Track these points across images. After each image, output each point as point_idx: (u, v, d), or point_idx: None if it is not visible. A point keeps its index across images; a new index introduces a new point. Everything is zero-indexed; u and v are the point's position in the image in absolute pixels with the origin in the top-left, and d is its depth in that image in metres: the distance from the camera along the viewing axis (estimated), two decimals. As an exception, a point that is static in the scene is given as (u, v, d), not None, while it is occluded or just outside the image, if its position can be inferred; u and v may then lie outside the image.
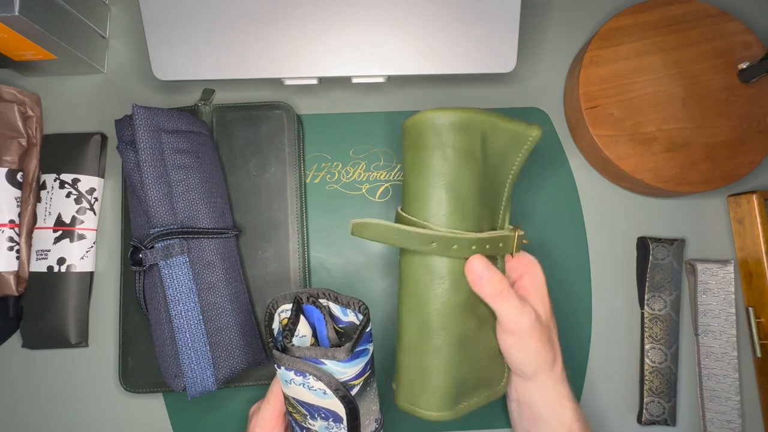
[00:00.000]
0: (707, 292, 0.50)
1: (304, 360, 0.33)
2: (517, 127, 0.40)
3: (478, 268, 0.38)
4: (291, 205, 0.50)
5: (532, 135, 0.40)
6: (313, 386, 0.34)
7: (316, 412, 0.35)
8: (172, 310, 0.42)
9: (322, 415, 0.35)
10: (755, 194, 0.49)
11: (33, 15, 0.42)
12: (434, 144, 0.37)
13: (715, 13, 0.50)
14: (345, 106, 0.53)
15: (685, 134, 0.48)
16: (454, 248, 0.37)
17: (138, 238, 0.45)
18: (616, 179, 0.52)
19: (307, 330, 0.37)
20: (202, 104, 0.51)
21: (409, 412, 0.40)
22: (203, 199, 0.46)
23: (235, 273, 0.47)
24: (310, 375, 0.33)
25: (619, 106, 0.49)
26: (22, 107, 0.50)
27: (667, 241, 0.50)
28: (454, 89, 0.54)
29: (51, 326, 0.49)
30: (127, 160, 0.45)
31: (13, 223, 0.49)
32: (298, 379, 0.34)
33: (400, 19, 0.46)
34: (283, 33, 0.46)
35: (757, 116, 0.48)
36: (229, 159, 0.50)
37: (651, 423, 0.49)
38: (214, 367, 0.43)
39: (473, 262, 0.38)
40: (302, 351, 0.33)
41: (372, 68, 0.47)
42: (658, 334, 0.50)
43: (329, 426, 0.36)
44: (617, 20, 0.50)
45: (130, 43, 0.54)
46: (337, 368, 0.34)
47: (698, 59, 0.49)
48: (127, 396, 0.50)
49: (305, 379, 0.33)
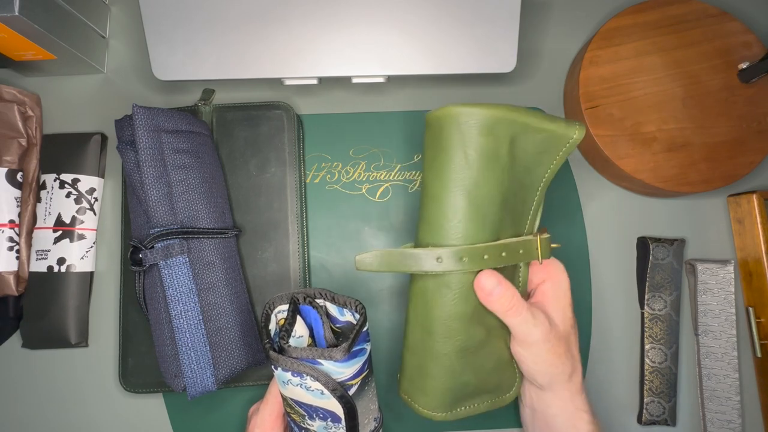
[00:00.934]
0: (707, 292, 0.50)
1: (300, 361, 0.33)
2: (554, 126, 0.36)
3: (487, 285, 0.36)
4: (291, 205, 0.50)
5: (573, 136, 0.36)
6: (310, 387, 0.33)
7: (314, 413, 0.35)
8: (172, 310, 0.42)
9: (320, 415, 0.35)
10: (755, 194, 0.49)
11: (33, 15, 0.42)
12: (455, 144, 0.35)
13: (715, 13, 0.50)
14: (345, 106, 0.53)
15: (685, 134, 0.48)
16: (464, 260, 0.35)
17: (138, 238, 0.45)
18: (616, 179, 0.52)
19: (304, 330, 0.37)
20: (202, 104, 0.51)
21: (407, 404, 0.40)
22: (203, 199, 0.46)
23: (235, 273, 0.47)
24: (307, 375, 0.33)
25: (619, 106, 0.49)
26: (22, 107, 0.50)
27: (667, 241, 0.50)
28: (454, 89, 0.54)
29: (51, 326, 0.49)
30: (127, 160, 0.45)
31: (13, 223, 0.49)
32: (296, 380, 0.34)
33: (400, 19, 0.46)
34: (283, 33, 0.46)
35: (757, 116, 0.48)
36: (229, 159, 0.50)
37: (651, 423, 0.49)
38: (214, 367, 0.43)
39: (482, 278, 0.36)
40: (299, 351, 0.33)
41: (372, 68, 0.47)
42: (658, 334, 0.50)
43: (327, 426, 0.36)
44: (617, 20, 0.50)
45: (130, 43, 0.54)
46: (335, 368, 0.33)
47: (698, 59, 0.49)
48: (127, 396, 0.50)
49: (302, 380, 0.33)
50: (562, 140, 0.37)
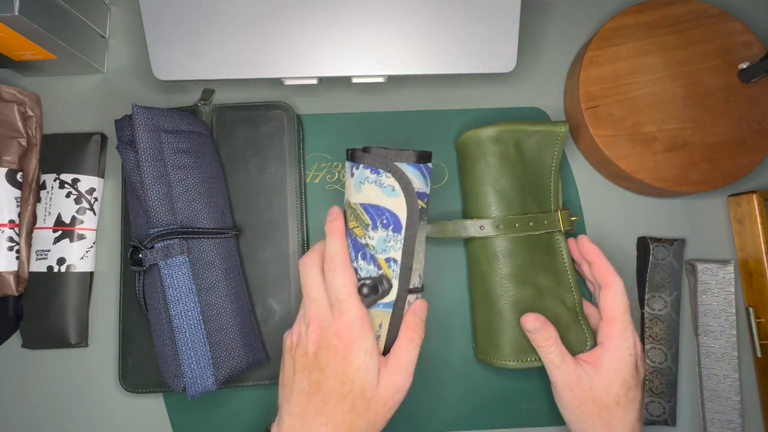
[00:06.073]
0: (707, 292, 0.50)
1: (380, 157, 0.40)
2: (543, 127, 0.48)
3: (528, 325, 0.43)
4: (291, 205, 0.50)
5: (561, 131, 0.48)
6: (384, 183, 0.40)
7: (380, 218, 0.40)
8: (171, 310, 0.42)
9: (383, 222, 0.40)
10: (755, 194, 0.49)
11: (33, 15, 0.42)
12: (477, 154, 0.47)
13: (715, 13, 0.50)
14: (345, 106, 0.53)
15: (685, 134, 0.48)
16: (500, 227, 0.46)
17: (138, 238, 0.45)
18: (616, 179, 0.52)
19: None
20: (202, 104, 0.51)
21: (486, 363, 0.47)
22: (203, 199, 0.46)
23: (234, 273, 0.47)
24: (383, 172, 0.39)
25: (619, 106, 0.49)
26: (22, 107, 0.50)
27: (667, 241, 0.50)
28: (454, 89, 0.54)
29: (51, 326, 0.49)
30: (127, 160, 0.45)
31: (13, 223, 0.49)
32: (372, 177, 0.40)
33: (400, 19, 0.46)
34: (283, 33, 0.46)
35: (757, 116, 0.48)
36: (229, 159, 0.50)
37: (651, 423, 0.49)
38: (214, 367, 0.43)
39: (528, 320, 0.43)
40: (378, 151, 0.40)
41: (372, 68, 0.47)
42: (658, 334, 0.50)
43: (387, 237, 0.40)
44: (617, 20, 0.50)
45: (130, 43, 0.54)
46: (406, 170, 0.40)
47: (698, 59, 0.49)
48: (127, 396, 0.50)
49: (379, 177, 0.40)
50: (553, 135, 0.48)
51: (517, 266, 0.46)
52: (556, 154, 0.48)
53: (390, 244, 0.40)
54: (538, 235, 0.47)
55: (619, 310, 0.43)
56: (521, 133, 0.47)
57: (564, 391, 0.42)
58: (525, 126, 0.48)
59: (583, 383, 0.41)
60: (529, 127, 0.48)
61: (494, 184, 0.47)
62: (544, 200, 0.48)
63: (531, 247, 0.46)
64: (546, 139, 0.48)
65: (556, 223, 0.47)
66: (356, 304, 0.39)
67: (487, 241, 0.46)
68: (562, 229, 0.48)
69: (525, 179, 0.48)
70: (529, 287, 0.46)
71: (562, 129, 0.48)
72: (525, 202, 0.47)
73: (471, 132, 0.48)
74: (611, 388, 0.41)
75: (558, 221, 0.47)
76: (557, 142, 0.48)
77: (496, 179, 0.47)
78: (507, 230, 0.46)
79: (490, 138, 0.47)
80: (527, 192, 0.47)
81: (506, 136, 0.47)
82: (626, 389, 0.41)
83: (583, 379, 0.42)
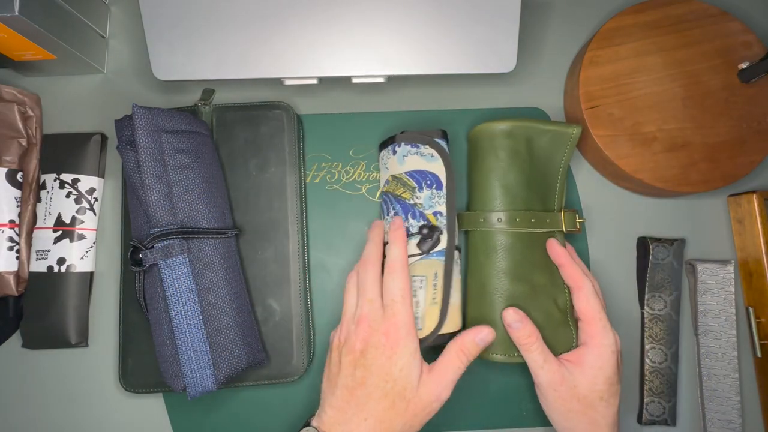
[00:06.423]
0: (707, 292, 0.50)
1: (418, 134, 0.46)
2: (556, 127, 0.48)
3: (507, 318, 0.44)
4: (291, 205, 0.50)
5: (573, 132, 0.48)
6: (424, 152, 0.46)
7: (423, 180, 0.46)
8: (171, 310, 0.42)
9: (427, 181, 0.46)
10: (755, 194, 0.49)
11: (33, 15, 0.42)
12: (488, 147, 0.48)
13: (715, 13, 0.50)
14: (345, 106, 0.53)
15: (685, 134, 0.48)
16: (501, 221, 0.46)
17: (138, 238, 0.45)
18: (616, 179, 0.52)
19: None
20: (202, 104, 0.51)
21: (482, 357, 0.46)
22: (203, 199, 0.46)
23: (235, 273, 0.47)
24: (422, 144, 0.46)
25: (619, 106, 0.49)
26: (22, 107, 0.50)
27: (667, 241, 0.50)
28: (454, 89, 0.54)
29: (51, 326, 0.49)
30: (127, 160, 0.45)
31: (13, 223, 0.49)
32: (413, 150, 0.46)
33: (400, 19, 0.46)
34: (283, 33, 0.46)
35: (757, 116, 0.48)
36: (229, 159, 0.50)
37: (651, 423, 0.49)
38: (214, 367, 0.43)
39: (507, 313, 0.44)
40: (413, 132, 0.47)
41: (372, 68, 0.47)
42: (658, 334, 0.50)
43: (432, 195, 0.45)
44: (617, 20, 0.50)
45: (130, 43, 0.54)
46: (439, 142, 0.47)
47: (698, 59, 0.49)
48: (127, 396, 0.50)
49: (419, 149, 0.46)
50: (565, 136, 0.48)
51: (515, 262, 0.46)
52: (565, 155, 0.48)
53: (435, 200, 0.45)
54: (539, 233, 0.47)
55: (596, 309, 0.43)
56: (534, 131, 0.47)
57: (548, 390, 0.43)
58: (538, 124, 0.48)
59: (567, 382, 0.42)
60: (542, 125, 0.48)
61: (501, 178, 0.47)
62: (549, 200, 0.48)
63: (530, 245, 0.46)
64: (557, 140, 0.48)
65: (558, 224, 0.47)
66: (408, 308, 0.42)
67: (488, 234, 0.47)
68: (564, 229, 0.48)
69: (532, 177, 0.48)
70: (524, 284, 0.46)
71: (574, 131, 0.48)
72: (529, 199, 0.47)
73: (484, 124, 0.48)
74: (595, 385, 0.42)
75: (560, 221, 0.48)
76: (568, 143, 0.48)
77: (504, 173, 0.47)
78: (507, 224, 0.46)
79: (503, 132, 0.47)
80: (533, 190, 0.48)
81: (519, 132, 0.47)
82: (609, 385, 0.42)
83: (567, 378, 0.42)
